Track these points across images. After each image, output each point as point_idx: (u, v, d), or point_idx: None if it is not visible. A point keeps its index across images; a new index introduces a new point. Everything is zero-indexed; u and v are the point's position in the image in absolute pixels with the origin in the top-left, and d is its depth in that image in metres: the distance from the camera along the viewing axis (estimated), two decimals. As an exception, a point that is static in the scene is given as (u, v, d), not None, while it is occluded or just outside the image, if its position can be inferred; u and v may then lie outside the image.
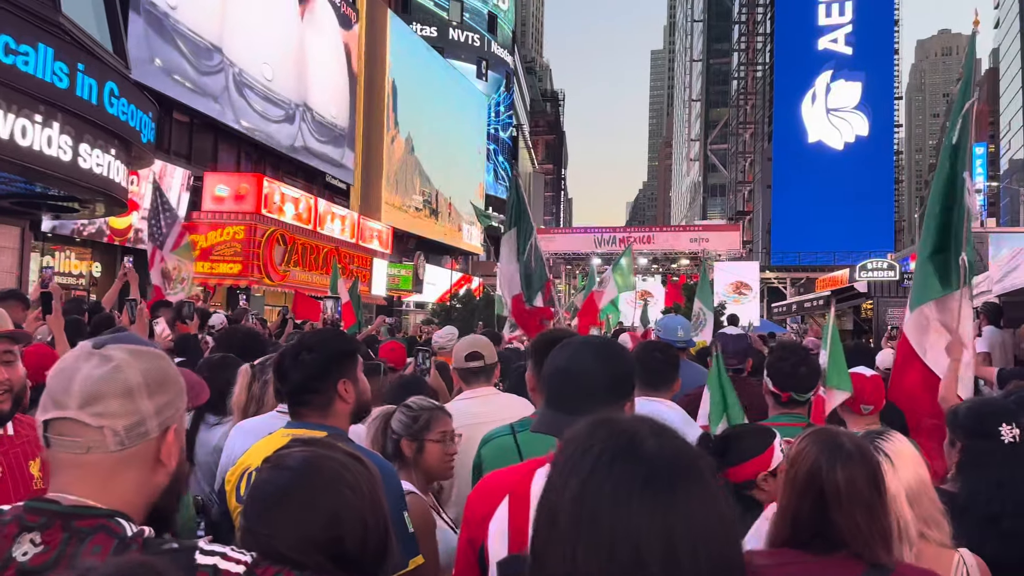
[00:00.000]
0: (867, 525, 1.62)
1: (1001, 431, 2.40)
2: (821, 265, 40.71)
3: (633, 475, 0.91)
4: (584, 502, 0.91)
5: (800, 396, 3.01)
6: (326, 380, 2.23)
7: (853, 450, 1.70)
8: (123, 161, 11.60)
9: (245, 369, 3.04)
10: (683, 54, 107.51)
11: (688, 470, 0.93)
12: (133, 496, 1.28)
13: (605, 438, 0.97)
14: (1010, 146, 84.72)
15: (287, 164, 24.07)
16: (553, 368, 1.81)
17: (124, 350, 1.30)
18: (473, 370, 3.28)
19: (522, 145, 58.71)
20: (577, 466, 0.95)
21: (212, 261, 18.10)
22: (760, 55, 55.06)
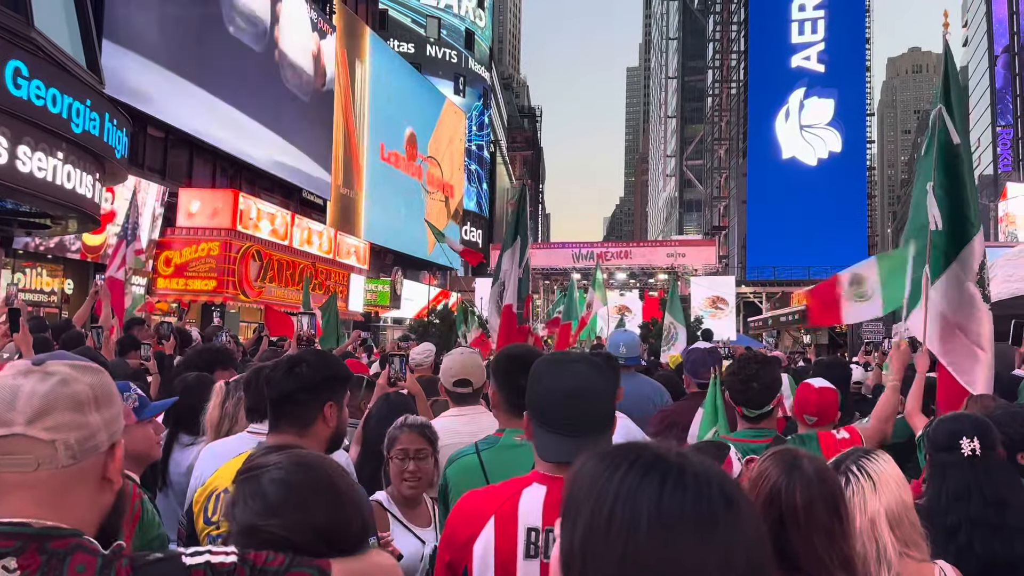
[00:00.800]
0: (825, 549, 1.59)
1: (961, 444, 2.42)
2: (796, 279, 41.09)
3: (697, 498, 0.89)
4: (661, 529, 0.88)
5: (751, 412, 2.96)
6: (315, 396, 2.21)
7: (812, 473, 1.66)
8: (97, 177, 11.49)
9: (220, 386, 3.01)
10: (658, 71, 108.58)
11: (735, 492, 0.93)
12: (86, 514, 1.25)
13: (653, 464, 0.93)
14: (979, 162, 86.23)
15: (263, 180, 23.95)
16: (561, 391, 1.75)
17: (66, 365, 1.29)
18: (461, 394, 3.25)
19: (500, 161, 58.88)
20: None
21: (187, 277, 17.93)
22: (734, 72, 55.78)
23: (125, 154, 12.72)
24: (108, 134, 11.57)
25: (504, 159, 63.78)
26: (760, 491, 1.68)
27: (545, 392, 1.77)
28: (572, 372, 1.77)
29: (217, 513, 2.08)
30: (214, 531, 2.07)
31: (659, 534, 0.86)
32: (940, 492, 2.41)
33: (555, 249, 42.07)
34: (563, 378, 1.76)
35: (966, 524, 2.31)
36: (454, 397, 3.27)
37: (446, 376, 3.27)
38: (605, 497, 0.90)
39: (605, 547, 0.88)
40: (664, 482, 0.90)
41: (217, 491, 2.11)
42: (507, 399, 2.40)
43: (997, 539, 2.27)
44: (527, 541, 1.72)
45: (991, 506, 2.32)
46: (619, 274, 39.58)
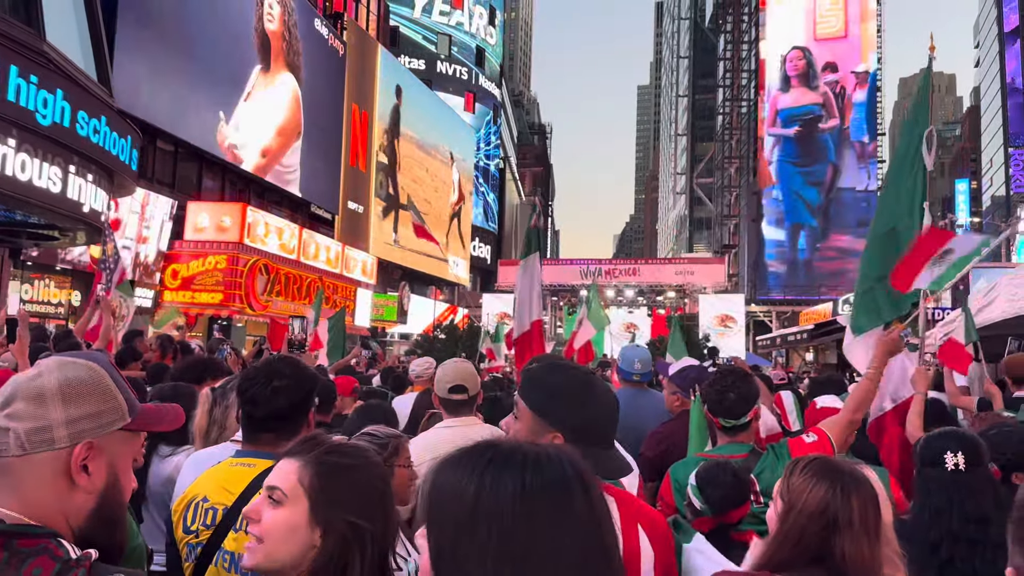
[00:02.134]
0: (870, 550, 1.63)
1: (945, 459, 2.40)
2: (806, 299, 40.92)
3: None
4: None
5: (727, 422, 2.96)
6: (301, 411, 2.23)
7: (860, 477, 1.72)
8: (105, 190, 11.58)
9: (206, 393, 2.99)
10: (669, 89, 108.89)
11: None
12: (51, 512, 1.22)
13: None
14: (992, 183, 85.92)
15: (272, 193, 24.09)
16: (608, 407, 1.81)
17: (56, 359, 1.29)
18: (456, 402, 3.23)
19: (509, 177, 59.04)
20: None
21: (193, 290, 18.00)
22: (745, 91, 55.86)
23: (134, 167, 12.83)
24: (117, 147, 11.66)
25: (514, 175, 63.95)
26: (808, 501, 1.71)
27: (588, 409, 1.78)
28: (602, 389, 1.83)
29: (196, 522, 2.06)
30: (193, 540, 2.05)
31: (523, 515, 0.93)
32: (924, 507, 2.41)
33: (564, 266, 41.95)
34: (602, 395, 1.82)
35: (948, 539, 2.30)
36: (449, 406, 3.25)
37: (441, 384, 3.25)
38: (467, 493, 0.96)
39: (472, 539, 0.93)
40: (524, 468, 0.97)
41: (196, 499, 2.10)
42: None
43: (978, 555, 2.25)
44: None
45: (973, 522, 2.30)
46: (628, 291, 39.47)
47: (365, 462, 1.55)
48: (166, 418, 1.44)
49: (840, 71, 51.94)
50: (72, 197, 10.38)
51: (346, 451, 1.55)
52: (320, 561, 1.43)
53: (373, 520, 1.47)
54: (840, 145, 51.13)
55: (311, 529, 1.44)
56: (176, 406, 1.48)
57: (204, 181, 21.07)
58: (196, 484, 2.17)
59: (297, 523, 1.45)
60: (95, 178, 11.04)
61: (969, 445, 2.44)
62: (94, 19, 12.15)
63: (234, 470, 2.14)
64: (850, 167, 51.35)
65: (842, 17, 52.70)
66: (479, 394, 3.35)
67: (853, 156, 51.51)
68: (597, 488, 1.01)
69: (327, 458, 1.50)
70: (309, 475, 1.47)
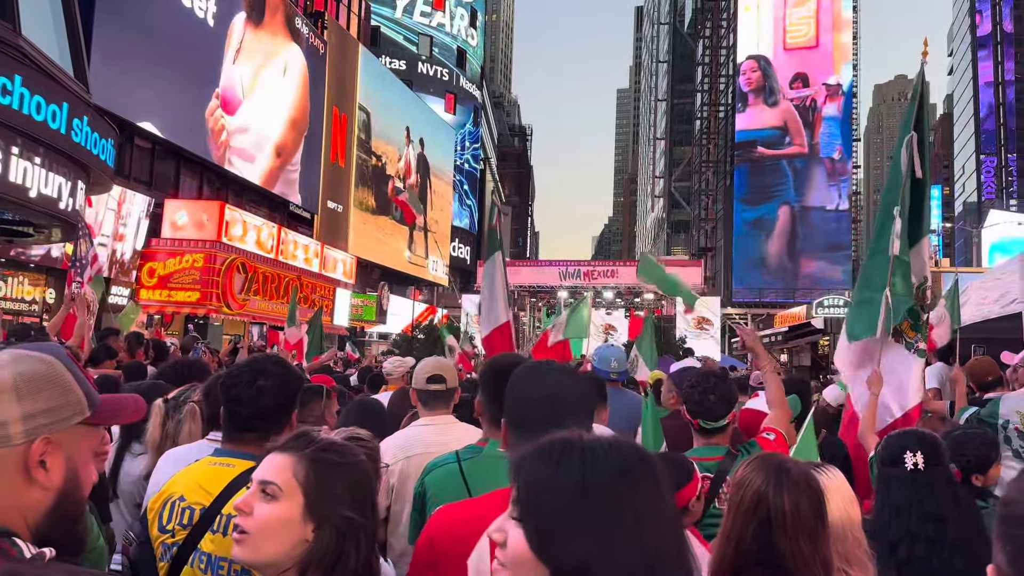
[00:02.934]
0: (810, 552, 1.60)
1: (905, 458, 2.44)
2: (781, 302, 41.30)
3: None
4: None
5: (707, 424, 2.97)
6: (285, 410, 2.20)
7: (800, 476, 1.69)
8: (81, 187, 11.46)
9: (158, 405, 2.92)
10: (648, 93, 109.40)
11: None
12: (3, 509, 1.19)
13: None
14: (964, 189, 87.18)
15: (250, 192, 23.94)
16: (536, 394, 1.79)
17: (9, 353, 1.26)
18: (434, 392, 3.17)
19: (490, 178, 59.06)
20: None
21: (170, 289, 17.85)
22: (723, 96, 56.29)
23: (111, 164, 12.72)
24: (94, 143, 11.56)
25: (494, 177, 63.97)
26: (745, 496, 1.70)
27: (523, 398, 1.79)
28: (549, 378, 1.81)
29: (172, 521, 2.03)
30: (168, 539, 2.01)
31: (627, 491, 1.03)
32: (884, 506, 2.43)
33: (543, 267, 42.04)
34: (542, 384, 1.80)
35: (906, 538, 2.32)
36: (427, 399, 3.19)
37: (419, 375, 3.20)
38: (571, 479, 1.04)
39: (587, 518, 1.02)
40: (609, 452, 1.07)
41: (172, 498, 2.06)
42: (491, 409, 2.33)
43: (936, 554, 2.27)
44: None
45: (931, 521, 2.32)
46: (606, 293, 39.62)
47: (356, 460, 1.58)
48: (126, 410, 1.41)
49: (811, 84, 51.05)
50: (46, 193, 10.27)
51: (339, 449, 1.58)
52: (312, 556, 1.46)
53: (365, 515, 1.51)
54: (810, 162, 50.52)
55: (304, 524, 1.46)
56: (137, 397, 1.45)
57: (182, 179, 20.90)
58: (173, 482, 2.13)
59: (291, 518, 1.46)
60: (70, 174, 10.94)
61: (929, 445, 2.48)
62: (70, 13, 12.04)
63: (213, 469, 2.11)
64: (819, 185, 50.44)
65: (813, 25, 51.83)
66: (457, 390, 3.30)
67: (823, 173, 50.49)
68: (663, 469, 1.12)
69: (323, 455, 1.52)
70: (305, 470, 1.49)
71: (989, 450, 2.90)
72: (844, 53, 51.54)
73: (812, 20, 52.11)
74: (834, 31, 51.89)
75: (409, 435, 3.13)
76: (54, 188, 10.44)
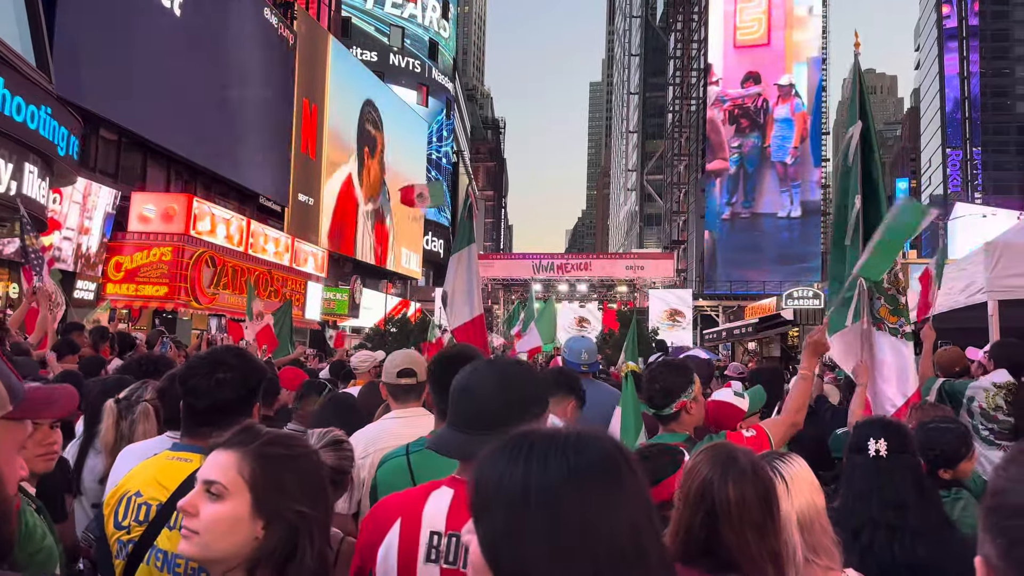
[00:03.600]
0: (756, 545, 1.58)
1: (868, 445, 2.45)
2: (752, 294, 41.69)
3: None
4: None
5: (650, 409, 3.06)
6: (247, 403, 2.14)
7: (747, 467, 1.66)
8: (44, 179, 11.24)
9: (110, 406, 2.84)
10: (620, 87, 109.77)
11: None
12: None
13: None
14: (930, 182, 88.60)
15: (219, 185, 23.63)
16: (455, 388, 1.79)
17: None
18: (404, 387, 3.14)
19: (463, 171, 58.89)
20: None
21: (138, 283, 17.58)
22: (694, 89, 56.59)
23: (75, 155, 12.48)
24: (56, 134, 11.33)
25: (467, 170, 63.81)
26: (692, 484, 1.68)
27: (449, 391, 1.80)
28: (470, 370, 1.81)
29: (128, 517, 1.98)
30: (124, 536, 1.96)
31: (575, 495, 0.96)
32: (848, 493, 2.44)
33: (516, 260, 42.13)
34: (460, 376, 1.80)
35: (868, 525, 2.32)
36: (397, 392, 3.17)
37: (390, 368, 3.17)
38: (515, 481, 0.98)
39: (528, 522, 0.94)
40: (567, 450, 0.99)
41: (128, 494, 2.01)
42: (438, 401, 2.34)
43: (897, 541, 2.28)
44: (428, 545, 1.68)
45: (892, 508, 2.33)
46: (580, 286, 39.78)
47: (304, 451, 1.54)
48: (56, 403, 1.34)
49: (762, 83, 49.95)
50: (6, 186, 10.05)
51: (286, 441, 1.53)
52: (264, 551, 1.42)
53: (317, 508, 1.47)
54: (760, 165, 49.53)
55: (253, 521, 1.42)
56: (69, 388, 1.39)
57: (149, 171, 20.57)
58: (129, 478, 2.08)
59: (239, 516, 1.42)
60: (32, 166, 10.71)
61: (893, 432, 2.48)
62: (33, 5, 11.77)
63: (169, 464, 2.06)
64: (770, 190, 49.29)
65: (764, 22, 50.49)
66: (427, 383, 3.30)
67: (774, 178, 49.46)
68: (639, 463, 1.05)
69: (269, 449, 1.48)
70: (251, 467, 1.45)
71: (959, 445, 2.90)
72: (797, 52, 50.27)
73: (764, 17, 50.84)
74: (787, 28, 50.16)
75: (380, 428, 3.12)
76: (14, 179, 10.20)
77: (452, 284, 5.65)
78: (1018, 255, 5.27)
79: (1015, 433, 4.28)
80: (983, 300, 5.41)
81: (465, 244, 6.22)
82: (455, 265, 5.78)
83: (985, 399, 4.32)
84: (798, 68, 50.52)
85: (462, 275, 5.98)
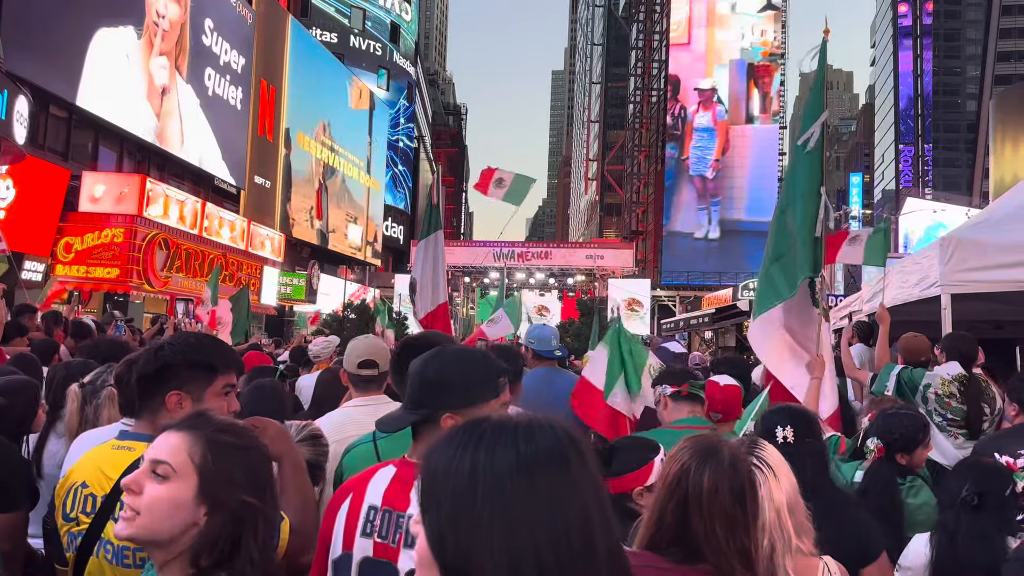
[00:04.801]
0: (725, 538, 1.56)
1: (776, 432, 2.51)
2: (709, 285, 42.21)
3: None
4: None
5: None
6: (157, 388, 2.03)
7: (726, 459, 1.65)
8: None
9: (74, 391, 2.78)
10: (582, 76, 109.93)
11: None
12: None
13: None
14: (883, 177, 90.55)
15: (173, 165, 23.11)
16: (411, 371, 1.85)
17: None
18: (365, 377, 3.10)
19: (423, 157, 58.49)
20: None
21: (88, 264, 17.13)
22: (655, 81, 56.89)
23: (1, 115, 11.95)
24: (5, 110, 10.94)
25: (428, 155, 63.37)
26: (669, 470, 1.67)
27: (408, 375, 1.87)
28: (426, 355, 1.87)
29: (75, 509, 1.93)
30: (74, 528, 1.92)
31: (522, 486, 0.93)
32: None
33: (477, 247, 41.98)
34: (417, 360, 1.87)
35: None
36: (358, 383, 3.13)
37: (350, 358, 3.12)
38: (462, 471, 0.95)
39: (474, 513, 0.92)
40: (516, 439, 0.97)
41: (76, 484, 1.96)
42: (399, 386, 2.38)
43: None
44: (365, 519, 1.73)
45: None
46: (539, 274, 39.85)
47: (255, 443, 1.54)
48: None
49: (681, 88, 46.60)
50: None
51: (238, 431, 1.53)
52: (205, 540, 1.41)
53: (264, 500, 1.47)
54: (677, 178, 45.81)
55: (196, 506, 1.41)
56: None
57: (100, 151, 20.02)
58: (76, 468, 2.03)
59: (183, 499, 1.41)
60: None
61: (799, 419, 2.57)
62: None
63: (114, 454, 2.01)
64: (687, 206, 45.31)
65: (686, 13, 46.09)
66: (388, 372, 3.21)
67: (692, 193, 45.60)
68: (592, 453, 1.02)
69: (221, 437, 1.47)
70: (201, 452, 1.44)
71: (916, 431, 2.98)
72: (719, 54, 46.34)
73: (685, 5, 46.85)
74: (708, 26, 46.09)
75: (343, 417, 3.08)
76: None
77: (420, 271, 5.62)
78: (972, 250, 5.38)
79: (967, 421, 4.39)
80: (936, 294, 5.51)
81: (432, 231, 6.18)
82: (422, 252, 5.75)
83: (941, 386, 4.43)
84: (719, 71, 46.69)
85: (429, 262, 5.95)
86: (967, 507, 2.49)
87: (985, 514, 2.48)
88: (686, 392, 3.14)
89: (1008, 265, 5.24)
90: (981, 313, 7.19)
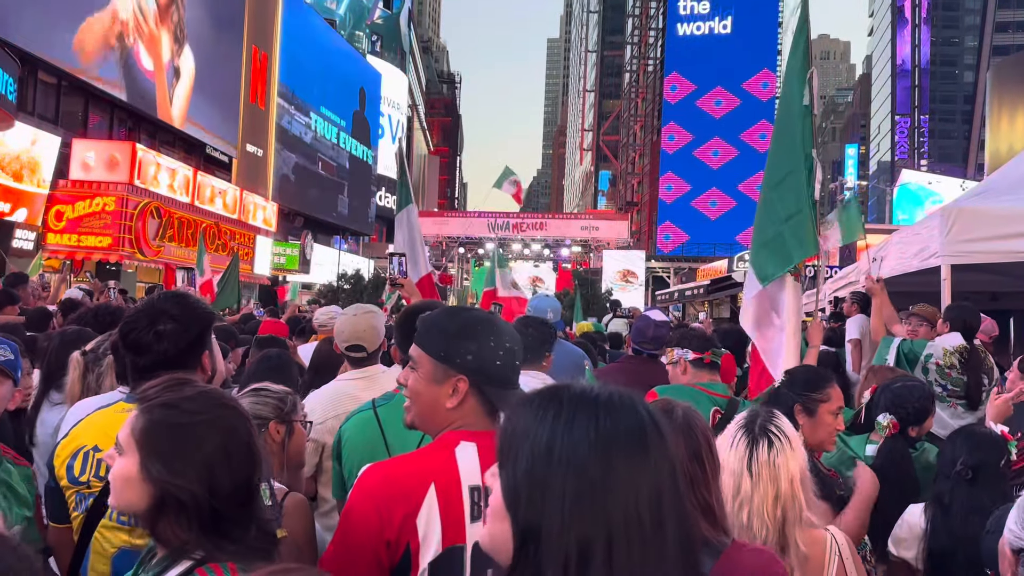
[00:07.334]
0: (687, 495, 1.59)
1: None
2: (703, 256, 42.23)
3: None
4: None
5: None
6: (191, 353, 2.03)
7: (679, 417, 1.67)
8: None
9: (76, 358, 2.73)
10: (578, 44, 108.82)
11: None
12: None
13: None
14: (879, 148, 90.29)
15: (165, 133, 22.85)
16: (510, 345, 1.78)
17: None
18: (355, 359, 3.12)
19: (417, 126, 58.06)
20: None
21: (80, 233, 16.99)
22: (652, 50, 56.37)
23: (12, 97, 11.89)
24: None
25: (422, 125, 62.89)
26: None
27: (495, 351, 1.71)
28: (512, 330, 1.81)
29: (87, 472, 1.93)
30: (85, 491, 1.93)
31: (599, 460, 0.96)
32: None
33: (471, 218, 41.85)
34: (510, 336, 1.77)
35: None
36: (350, 361, 3.17)
37: (339, 339, 3.13)
38: (542, 433, 0.98)
39: (548, 477, 0.95)
40: (597, 412, 0.99)
41: (85, 448, 1.96)
42: (404, 353, 2.28)
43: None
44: (472, 502, 1.62)
45: None
46: (534, 245, 39.80)
47: (204, 420, 1.42)
48: None
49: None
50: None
51: (184, 406, 1.43)
52: (150, 514, 1.40)
53: (214, 475, 1.38)
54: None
55: (142, 482, 1.39)
56: None
57: (91, 118, 19.77)
58: (82, 431, 2.02)
59: (129, 474, 1.41)
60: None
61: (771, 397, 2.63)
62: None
63: (121, 417, 1.91)
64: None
65: None
66: (380, 349, 3.17)
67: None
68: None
69: (159, 413, 1.43)
70: (140, 428, 1.42)
71: (927, 403, 3.02)
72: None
73: None
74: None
75: (338, 390, 3.07)
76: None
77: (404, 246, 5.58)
78: (973, 220, 5.35)
79: (967, 392, 4.39)
80: (936, 264, 5.49)
81: (404, 205, 6.13)
82: (398, 226, 5.73)
83: (943, 356, 4.42)
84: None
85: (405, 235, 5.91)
86: (961, 480, 2.48)
87: (980, 486, 2.48)
88: (708, 360, 3.16)
89: (1009, 236, 5.21)
90: (978, 284, 7.18)
